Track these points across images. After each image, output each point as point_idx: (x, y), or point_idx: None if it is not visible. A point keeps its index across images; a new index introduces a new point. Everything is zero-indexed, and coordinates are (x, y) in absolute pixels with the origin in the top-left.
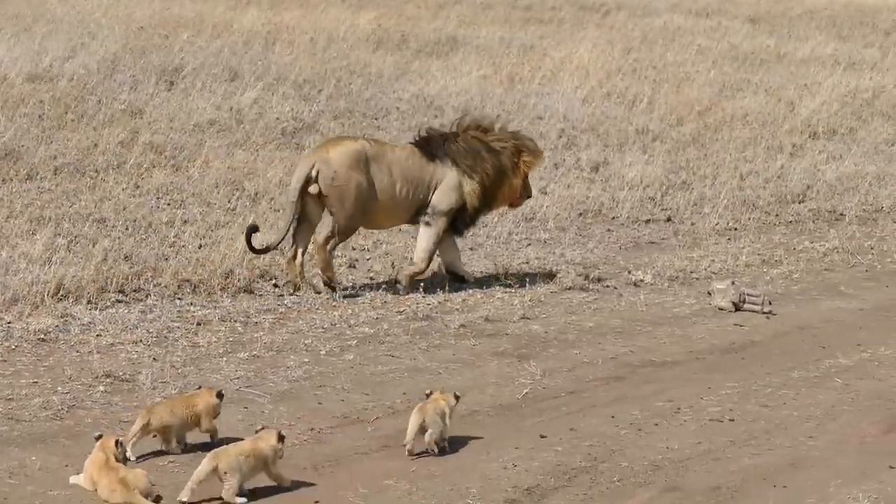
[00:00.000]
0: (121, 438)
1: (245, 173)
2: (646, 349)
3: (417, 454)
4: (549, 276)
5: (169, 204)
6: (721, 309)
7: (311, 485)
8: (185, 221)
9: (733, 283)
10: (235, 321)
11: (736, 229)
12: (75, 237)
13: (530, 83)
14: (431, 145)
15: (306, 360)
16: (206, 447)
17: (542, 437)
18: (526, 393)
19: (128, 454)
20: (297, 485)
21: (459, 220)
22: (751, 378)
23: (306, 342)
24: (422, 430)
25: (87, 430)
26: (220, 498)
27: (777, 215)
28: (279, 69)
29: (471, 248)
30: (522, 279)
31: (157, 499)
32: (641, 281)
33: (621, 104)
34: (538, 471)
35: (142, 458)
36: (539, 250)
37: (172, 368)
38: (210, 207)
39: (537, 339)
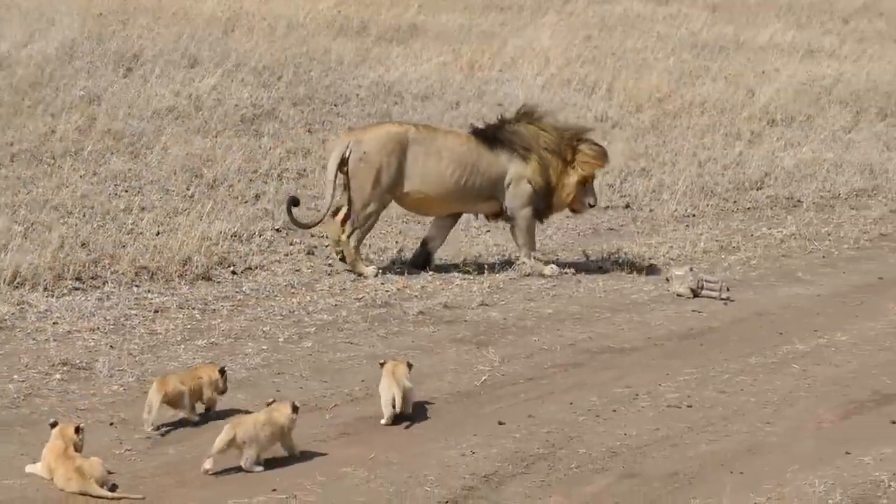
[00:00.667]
0: (81, 425)
1: (204, 160)
2: (604, 335)
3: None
4: (508, 263)
5: (127, 191)
6: (679, 295)
7: (269, 472)
8: (143, 208)
9: (691, 269)
10: (193, 308)
11: (694, 216)
12: (32, 224)
13: (490, 70)
14: (489, 131)
15: (264, 347)
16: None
17: (500, 423)
18: (484, 380)
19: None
20: (253, 474)
21: (537, 207)
22: (709, 364)
23: (264, 329)
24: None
25: (43, 418)
26: (239, 467)
27: (735, 202)
28: (238, 56)
29: None
30: (481, 266)
31: (113, 487)
32: (600, 268)
33: (581, 91)
34: (496, 458)
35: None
36: (498, 237)
37: (130, 356)
38: (168, 194)
39: (496, 325)
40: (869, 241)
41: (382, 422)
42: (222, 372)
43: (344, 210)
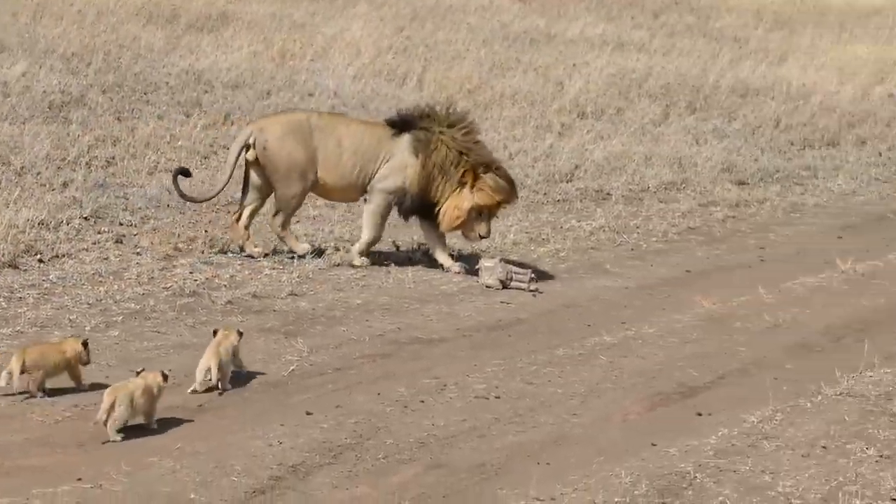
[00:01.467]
0: None
1: (11, 147)
2: (413, 326)
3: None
4: (318, 253)
5: None
6: (488, 287)
7: (74, 461)
8: None
9: (500, 260)
10: None
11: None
12: None
13: (301, 60)
14: (403, 118)
15: (71, 336)
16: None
17: (308, 413)
18: (293, 370)
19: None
20: (58, 463)
21: (401, 202)
22: (517, 356)
23: (71, 318)
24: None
25: None
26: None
27: (545, 194)
28: (47, 42)
29: None
30: (291, 256)
31: None
32: (410, 259)
33: (392, 82)
34: (304, 448)
35: None
36: (308, 227)
37: None
38: None
39: (305, 315)
40: (677, 234)
41: (189, 390)
42: (85, 344)
43: (246, 213)
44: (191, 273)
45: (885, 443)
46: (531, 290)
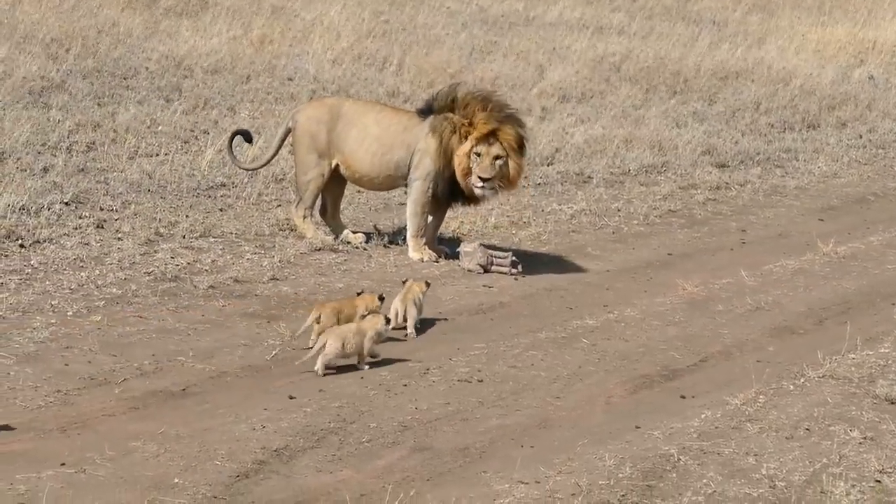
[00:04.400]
0: None
1: None
2: None
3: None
4: (300, 238)
5: None
6: (470, 271)
7: (56, 447)
8: None
9: (479, 245)
10: None
11: None
12: None
13: (281, 44)
14: (426, 108)
15: (53, 321)
16: None
17: (291, 398)
18: (275, 354)
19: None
20: (42, 448)
21: (435, 186)
22: (499, 339)
23: (53, 303)
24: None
25: None
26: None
27: (526, 177)
28: (27, 28)
29: (220, 210)
30: (273, 240)
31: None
32: (392, 242)
33: (372, 66)
34: (287, 431)
35: None
36: (289, 212)
37: None
38: None
39: (287, 300)
40: (658, 217)
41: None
42: (381, 299)
43: (330, 204)
44: (172, 258)
45: (868, 425)
46: (513, 274)
